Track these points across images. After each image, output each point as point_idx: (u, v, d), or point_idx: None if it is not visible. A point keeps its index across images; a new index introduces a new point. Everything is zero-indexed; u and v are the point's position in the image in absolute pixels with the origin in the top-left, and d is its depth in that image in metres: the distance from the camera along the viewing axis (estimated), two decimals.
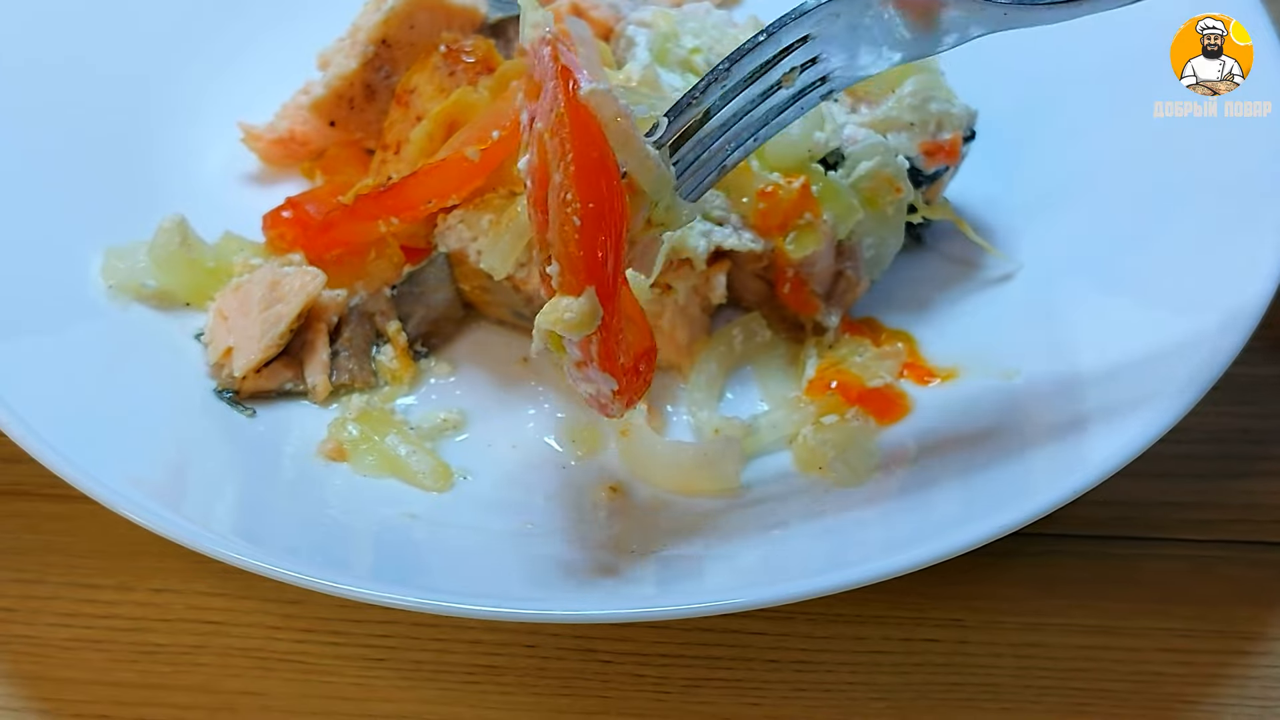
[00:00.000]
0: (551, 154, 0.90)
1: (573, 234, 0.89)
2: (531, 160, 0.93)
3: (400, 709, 1.02)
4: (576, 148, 0.88)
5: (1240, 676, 1.03)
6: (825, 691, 1.02)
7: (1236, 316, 1.05)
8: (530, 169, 0.93)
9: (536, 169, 0.92)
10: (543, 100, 0.92)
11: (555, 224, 0.90)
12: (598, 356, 0.92)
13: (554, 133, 0.89)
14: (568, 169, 0.88)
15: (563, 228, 0.89)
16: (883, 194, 1.17)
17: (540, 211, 0.92)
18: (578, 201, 0.88)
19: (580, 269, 0.89)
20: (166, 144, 1.32)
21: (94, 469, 0.99)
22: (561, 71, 0.90)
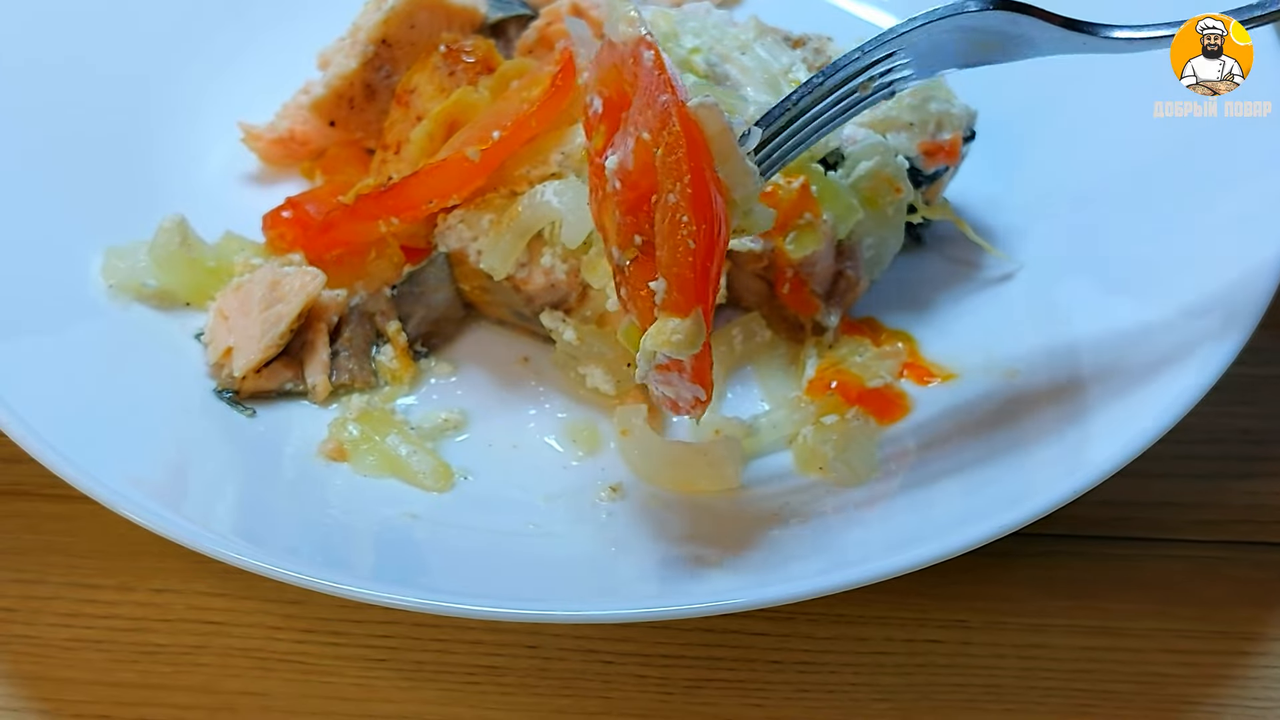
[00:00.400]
0: (662, 168, 0.90)
1: (687, 256, 0.90)
2: (625, 163, 0.93)
3: (401, 709, 1.01)
4: (693, 168, 0.89)
5: (1243, 677, 1.03)
6: (828, 692, 1.02)
7: (1236, 316, 1.05)
8: (623, 171, 0.93)
9: (632, 174, 0.92)
10: (641, 106, 0.91)
11: (667, 243, 0.90)
12: (692, 369, 0.94)
13: (669, 150, 0.89)
14: (684, 190, 0.89)
15: (676, 249, 0.90)
16: (882, 194, 1.17)
17: (628, 215, 0.93)
18: (694, 225, 0.89)
19: (692, 291, 0.91)
20: (166, 144, 1.32)
21: (94, 469, 0.99)
22: (670, 83, 0.90)
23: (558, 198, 1.12)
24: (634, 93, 0.92)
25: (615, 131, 0.94)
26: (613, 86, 0.94)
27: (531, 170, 1.15)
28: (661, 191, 0.91)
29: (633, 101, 0.93)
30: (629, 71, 0.92)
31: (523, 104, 1.14)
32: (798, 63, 1.22)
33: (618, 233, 0.95)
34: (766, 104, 1.11)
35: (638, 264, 0.94)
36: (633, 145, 0.92)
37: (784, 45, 1.25)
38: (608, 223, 0.97)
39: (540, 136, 1.15)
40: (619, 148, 0.93)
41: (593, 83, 0.96)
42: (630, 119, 0.93)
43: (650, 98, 0.90)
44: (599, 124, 0.96)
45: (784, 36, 1.26)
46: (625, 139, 0.93)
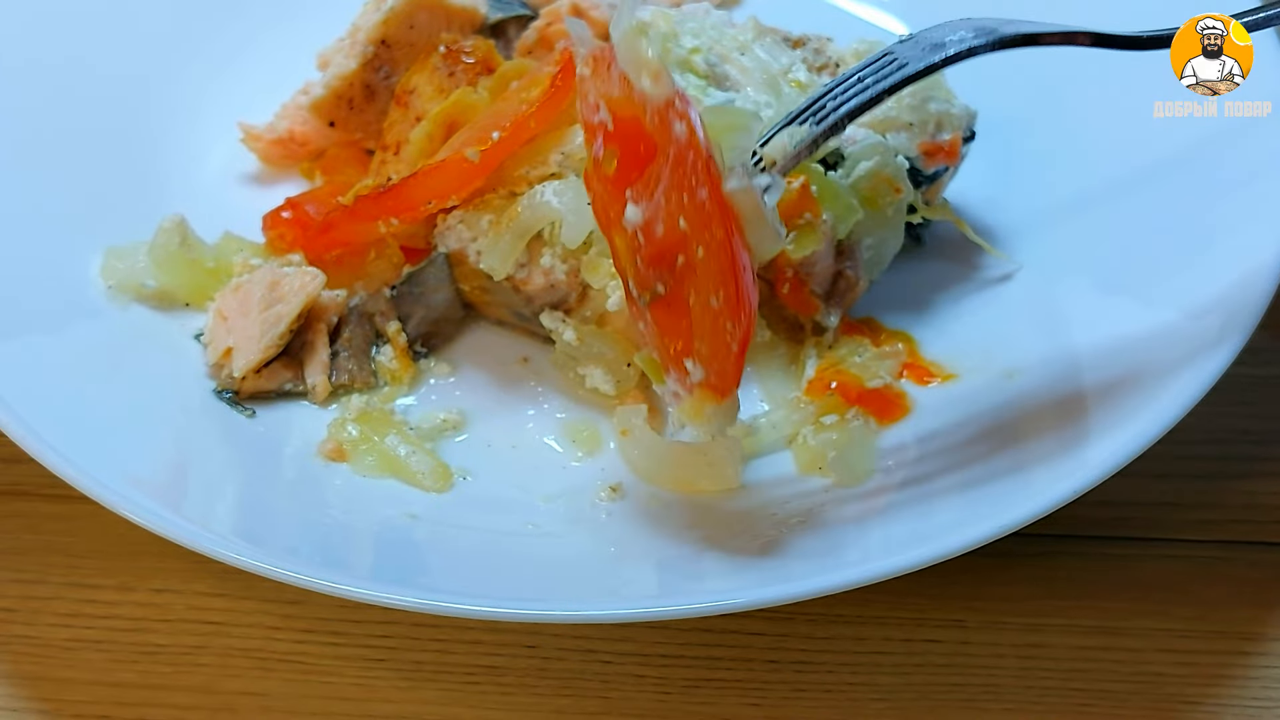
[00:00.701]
0: (704, 269, 0.91)
1: (729, 353, 0.92)
2: (652, 224, 0.93)
3: (400, 709, 1.02)
4: (735, 271, 0.90)
5: (1241, 677, 1.03)
6: (826, 692, 1.02)
7: (1236, 317, 1.05)
8: (648, 229, 0.93)
9: (658, 237, 0.93)
10: (674, 182, 0.91)
11: (708, 339, 0.92)
12: None
13: (710, 254, 0.90)
14: (728, 297, 0.90)
15: (718, 347, 0.92)
16: (882, 194, 1.17)
17: (650, 266, 0.94)
18: (735, 327, 0.91)
19: (731, 379, 0.93)
20: (166, 144, 1.33)
21: (94, 469, 0.99)
22: (708, 171, 0.90)
23: (557, 198, 1.12)
24: (659, 149, 0.91)
25: (631, 164, 0.94)
26: (627, 113, 0.93)
27: (531, 170, 1.15)
28: (701, 290, 0.92)
29: (659, 161, 0.92)
30: (653, 124, 0.91)
31: (522, 104, 1.14)
32: (797, 63, 1.22)
33: (636, 274, 0.96)
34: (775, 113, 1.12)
35: (658, 308, 0.96)
36: (663, 215, 0.92)
37: (783, 45, 1.25)
38: (620, 248, 0.97)
39: (540, 137, 1.15)
40: (644, 204, 0.93)
41: (599, 96, 0.95)
42: (659, 183, 0.92)
43: (686, 181, 0.90)
44: (611, 144, 0.95)
45: (783, 36, 1.26)
46: (654, 202, 0.92)
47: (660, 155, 0.92)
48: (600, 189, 0.98)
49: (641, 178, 0.93)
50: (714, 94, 1.19)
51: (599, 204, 0.99)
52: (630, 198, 0.94)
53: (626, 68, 0.91)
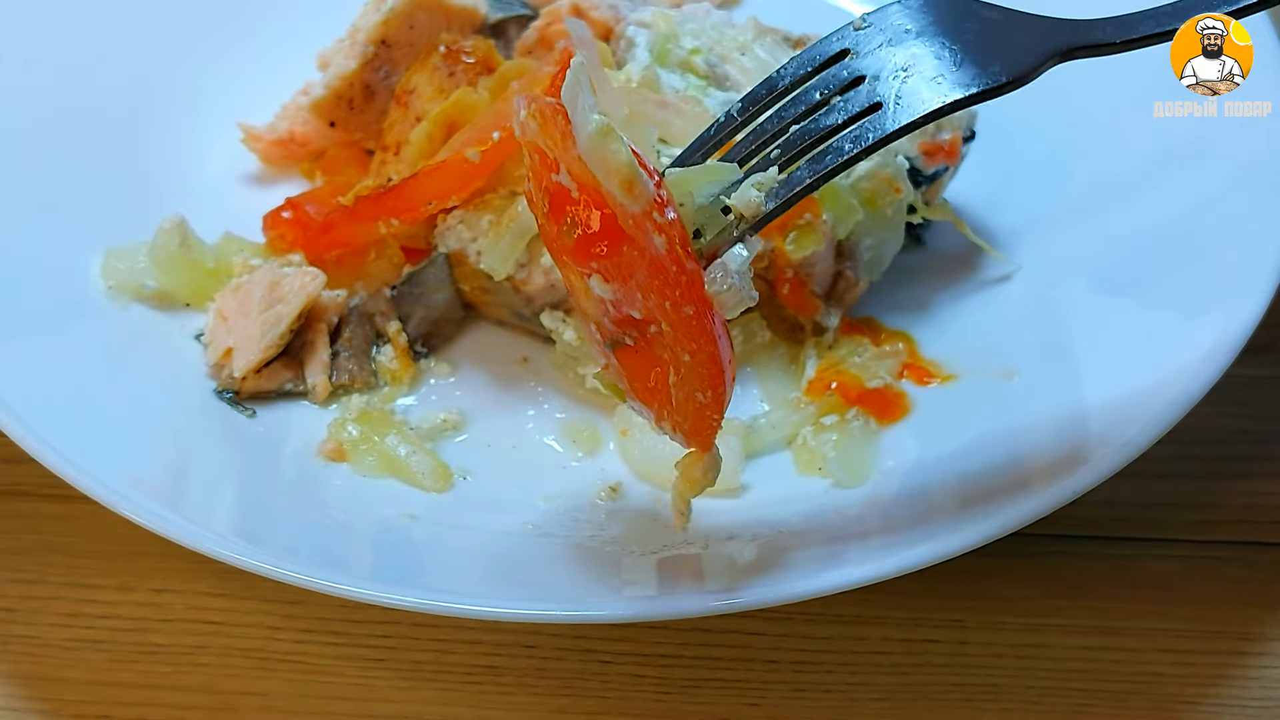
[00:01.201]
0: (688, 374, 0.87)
1: (708, 423, 0.89)
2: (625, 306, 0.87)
3: (400, 709, 1.02)
4: (720, 368, 0.86)
5: (1240, 677, 1.03)
6: (825, 692, 1.02)
7: (1236, 316, 1.05)
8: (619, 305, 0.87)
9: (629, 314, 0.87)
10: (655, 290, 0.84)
11: (686, 410, 0.89)
12: None
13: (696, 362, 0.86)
14: (714, 390, 0.87)
15: (698, 421, 0.89)
16: (882, 194, 1.17)
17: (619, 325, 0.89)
18: (714, 402, 0.87)
19: (710, 437, 0.90)
20: (166, 144, 1.33)
21: (94, 469, 1.00)
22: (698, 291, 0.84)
23: None
24: (633, 246, 0.84)
25: (606, 249, 0.85)
26: (588, 189, 0.84)
27: None
28: (685, 385, 0.87)
29: (631, 251, 0.84)
30: (627, 226, 0.84)
31: None
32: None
33: (601, 324, 0.90)
34: None
35: (625, 354, 0.91)
36: (640, 308, 0.86)
37: (784, 45, 1.25)
38: (578, 287, 0.91)
39: None
40: (614, 286, 0.86)
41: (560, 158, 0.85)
42: (634, 277, 0.85)
43: (668, 293, 0.84)
44: (571, 210, 0.86)
45: (783, 36, 1.27)
46: (628, 291, 0.86)
47: (631, 247, 0.84)
48: (555, 241, 0.89)
49: (610, 258, 0.85)
50: (714, 94, 1.19)
51: (553, 249, 0.91)
52: (597, 271, 0.86)
53: (596, 171, 0.83)
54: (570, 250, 0.87)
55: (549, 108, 0.84)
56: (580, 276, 0.89)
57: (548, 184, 0.87)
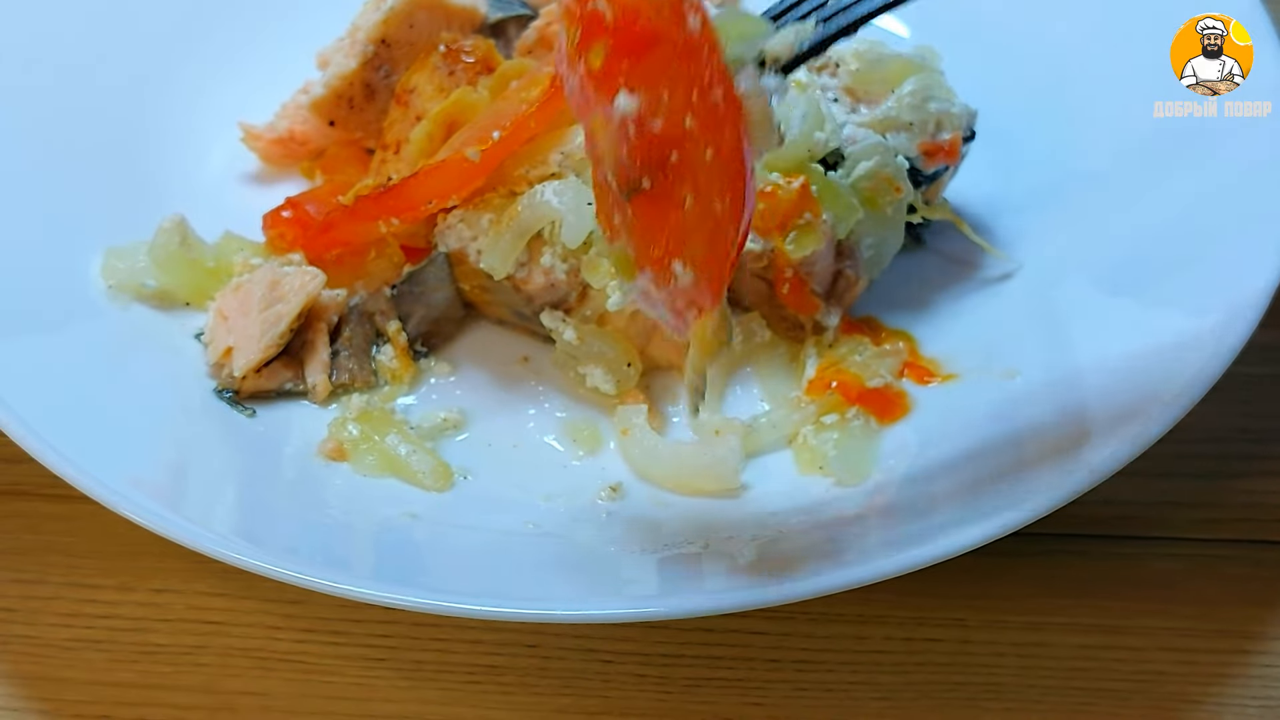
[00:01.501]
0: (710, 173, 0.87)
1: (725, 259, 0.88)
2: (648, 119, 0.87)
3: (401, 709, 1.02)
4: (744, 174, 0.86)
5: (1242, 676, 1.03)
6: (827, 691, 1.02)
7: (1236, 316, 1.05)
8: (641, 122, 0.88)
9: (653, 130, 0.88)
10: (682, 77, 0.86)
11: (707, 244, 0.88)
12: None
13: (720, 157, 0.86)
14: (735, 201, 0.86)
15: (716, 253, 0.88)
16: (882, 194, 1.17)
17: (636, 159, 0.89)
18: (737, 235, 0.87)
19: (721, 285, 0.90)
20: (166, 144, 1.33)
21: (94, 469, 0.99)
22: (725, 73, 0.85)
23: (557, 197, 1.12)
24: (667, 43, 0.86)
25: (625, 52, 0.88)
26: (622, 5, 0.87)
27: (531, 170, 1.15)
28: (705, 191, 0.88)
29: (666, 52, 0.86)
30: (660, 15, 0.86)
31: (522, 104, 1.14)
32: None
33: (618, 167, 0.91)
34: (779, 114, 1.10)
35: (641, 203, 0.91)
36: (665, 110, 0.87)
37: None
38: (599, 137, 0.92)
39: (540, 136, 1.15)
40: (640, 95, 0.88)
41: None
42: (662, 76, 0.87)
43: (698, 77, 0.85)
44: (602, 35, 0.89)
45: None
46: (654, 95, 0.87)
47: (663, 45, 0.86)
48: (579, 83, 0.92)
49: (639, 66, 0.87)
50: None
51: (576, 90, 0.93)
52: (624, 84, 0.88)
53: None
54: (598, 73, 0.89)
55: None
56: (602, 114, 0.89)
57: (583, 15, 0.89)
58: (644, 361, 1.18)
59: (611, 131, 0.90)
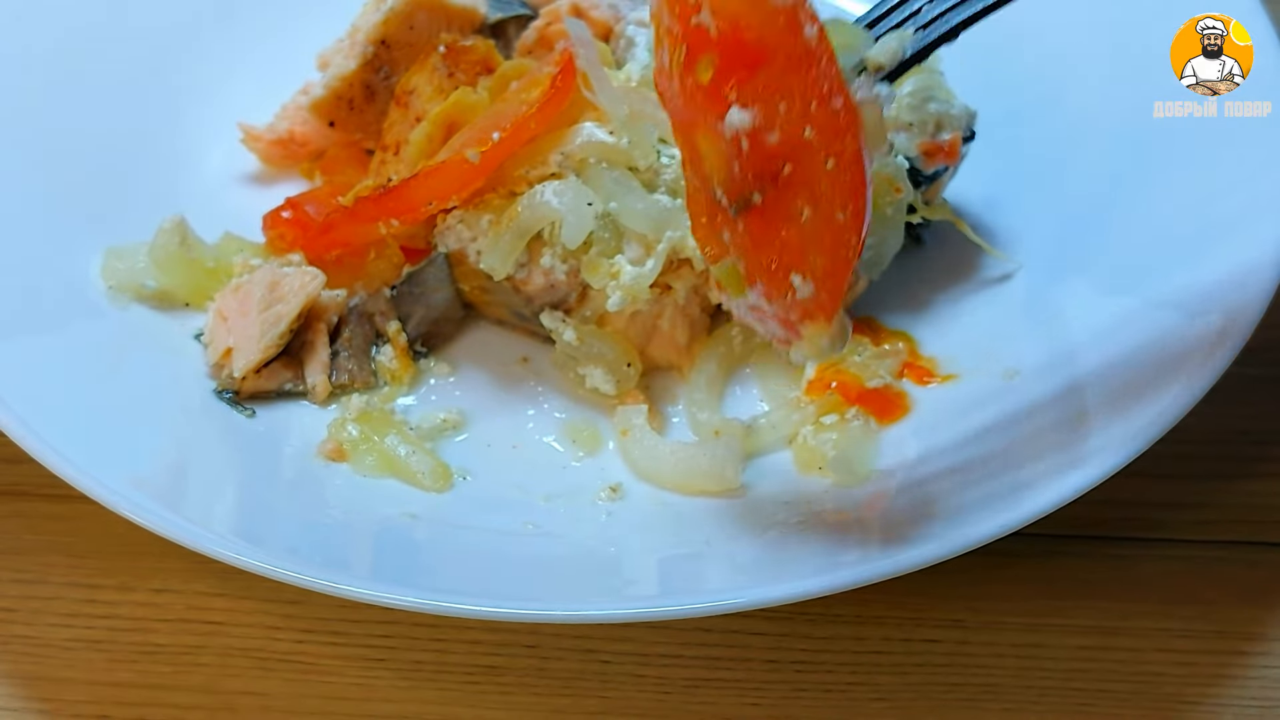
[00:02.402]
0: (831, 182, 0.87)
1: (846, 268, 0.89)
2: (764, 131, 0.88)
3: (400, 709, 1.02)
4: (864, 182, 0.87)
5: (1241, 677, 1.03)
6: (825, 692, 1.02)
7: (1236, 316, 1.05)
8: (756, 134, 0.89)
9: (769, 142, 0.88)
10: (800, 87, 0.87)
11: (828, 254, 0.89)
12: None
13: (841, 166, 0.86)
14: (856, 212, 0.87)
15: (837, 262, 0.89)
16: (882, 194, 1.17)
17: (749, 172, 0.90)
18: (858, 245, 0.88)
19: (840, 296, 0.90)
20: (166, 144, 1.33)
21: (94, 469, 1.00)
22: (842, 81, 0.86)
23: (557, 198, 1.12)
24: (781, 56, 0.87)
25: (735, 67, 0.88)
26: (730, 19, 0.87)
27: (531, 171, 1.15)
28: (825, 202, 0.88)
29: (780, 66, 0.87)
30: (775, 27, 0.86)
31: (522, 105, 1.14)
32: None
33: (729, 180, 0.92)
34: None
35: (753, 218, 0.92)
36: (782, 121, 0.88)
37: None
38: (707, 152, 0.93)
39: (540, 137, 1.15)
40: (757, 110, 0.88)
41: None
42: (780, 88, 0.88)
43: (816, 88, 0.86)
44: (709, 50, 0.89)
45: None
46: (770, 108, 0.88)
47: (776, 58, 0.87)
48: (685, 97, 0.93)
49: (752, 80, 0.87)
50: None
51: (679, 113, 0.94)
52: (734, 100, 0.88)
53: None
54: (706, 90, 0.89)
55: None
56: (711, 130, 0.90)
57: (686, 28, 0.89)
58: (644, 361, 1.18)
59: (723, 147, 0.91)
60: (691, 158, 0.96)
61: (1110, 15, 1.33)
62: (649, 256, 1.12)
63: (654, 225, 1.11)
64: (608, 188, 1.13)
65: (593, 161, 1.14)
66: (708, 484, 1.09)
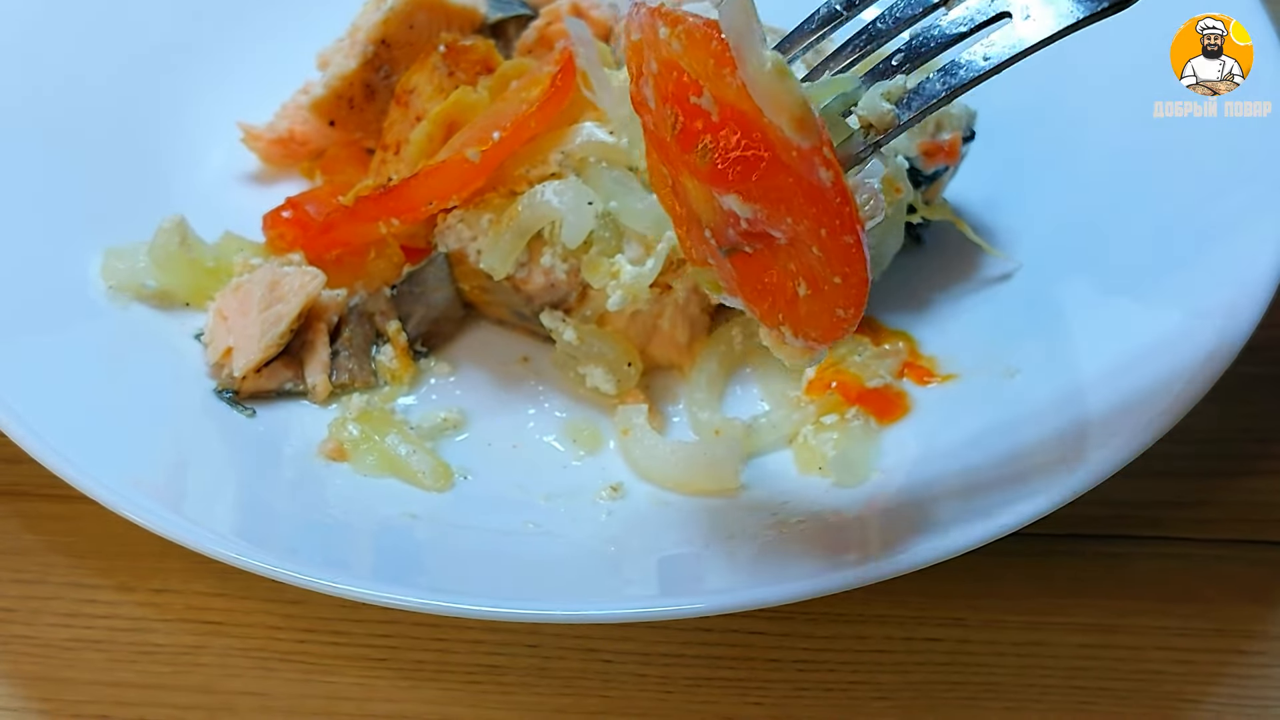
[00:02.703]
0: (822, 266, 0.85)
1: (838, 330, 0.87)
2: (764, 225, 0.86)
3: (401, 709, 1.02)
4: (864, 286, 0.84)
5: (1240, 675, 1.03)
6: (827, 691, 1.02)
7: (1236, 316, 1.05)
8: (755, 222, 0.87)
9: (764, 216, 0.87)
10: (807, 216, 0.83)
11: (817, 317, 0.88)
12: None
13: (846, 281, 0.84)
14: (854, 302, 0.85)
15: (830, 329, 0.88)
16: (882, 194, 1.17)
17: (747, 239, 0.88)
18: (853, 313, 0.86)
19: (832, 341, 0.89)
20: (166, 144, 1.33)
21: (94, 469, 1.00)
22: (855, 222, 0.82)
23: (557, 197, 1.12)
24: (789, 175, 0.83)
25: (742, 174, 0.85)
26: (739, 106, 0.83)
27: (531, 170, 1.15)
28: (829, 312, 0.86)
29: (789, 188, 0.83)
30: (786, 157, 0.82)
31: (522, 104, 1.14)
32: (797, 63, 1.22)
33: (719, 230, 0.90)
34: None
35: (740, 260, 0.90)
36: (785, 231, 0.85)
37: None
38: (696, 201, 0.91)
39: (540, 136, 1.15)
40: (759, 209, 0.86)
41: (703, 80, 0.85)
42: (785, 203, 0.84)
43: (828, 222, 0.82)
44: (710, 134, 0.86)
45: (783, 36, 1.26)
46: (775, 217, 0.85)
47: (788, 184, 0.83)
48: (678, 163, 0.90)
49: (760, 185, 0.84)
50: None
51: (673, 169, 0.92)
52: (737, 192, 0.86)
53: (764, 105, 0.81)
54: (706, 174, 0.87)
55: (701, 31, 0.83)
56: (703, 189, 0.88)
57: (683, 105, 0.86)
58: (644, 361, 1.18)
59: (717, 210, 0.89)
60: (681, 198, 0.94)
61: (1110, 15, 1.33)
62: (649, 256, 1.12)
63: (654, 225, 1.12)
64: (608, 187, 1.13)
65: (593, 161, 1.14)
66: (708, 484, 1.09)
